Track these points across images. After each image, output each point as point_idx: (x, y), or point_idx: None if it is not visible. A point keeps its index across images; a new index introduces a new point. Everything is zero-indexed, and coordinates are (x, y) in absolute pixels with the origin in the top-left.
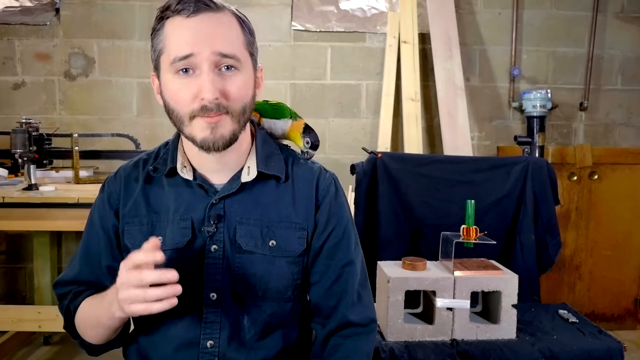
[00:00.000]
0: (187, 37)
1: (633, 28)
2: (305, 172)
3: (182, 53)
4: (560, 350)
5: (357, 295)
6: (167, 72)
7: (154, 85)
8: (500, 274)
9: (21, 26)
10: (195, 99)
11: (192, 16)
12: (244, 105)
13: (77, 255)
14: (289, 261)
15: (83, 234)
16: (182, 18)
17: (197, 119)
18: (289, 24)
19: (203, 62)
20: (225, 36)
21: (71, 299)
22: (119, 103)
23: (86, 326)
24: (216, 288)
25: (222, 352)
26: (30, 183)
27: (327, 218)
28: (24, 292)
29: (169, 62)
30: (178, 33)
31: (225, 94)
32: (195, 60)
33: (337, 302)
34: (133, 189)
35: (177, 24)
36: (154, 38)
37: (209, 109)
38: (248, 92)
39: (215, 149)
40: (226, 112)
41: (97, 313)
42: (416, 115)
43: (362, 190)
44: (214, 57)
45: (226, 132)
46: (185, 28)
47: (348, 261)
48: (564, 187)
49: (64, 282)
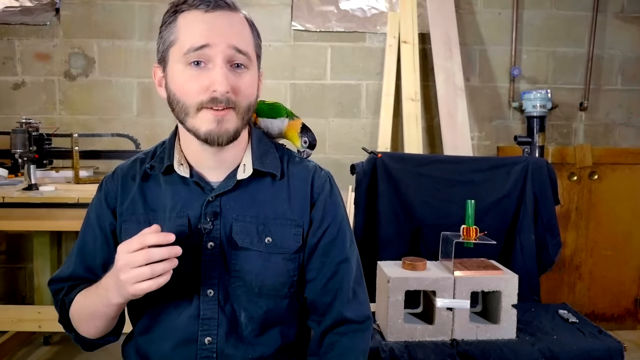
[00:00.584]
0: (203, 29)
1: (633, 28)
2: (300, 170)
3: (197, 43)
4: (560, 350)
5: (352, 293)
6: (177, 63)
7: (156, 77)
8: (500, 274)
9: (21, 26)
10: (205, 91)
11: (210, 11)
12: (249, 104)
13: (72, 253)
14: (285, 258)
15: (79, 231)
16: (199, 12)
17: (204, 111)
18: (289, 24)
19: (217, 55)
20: (240, 33)
21: (66, 292)
22: (119, 103)
23: (81, 318)
24: (213, 285)
25: (220, 349)
26: (30, 183)
27: (322, 215)
28: (24, 292)
29: (182, 53)
30: (194, 25)
31: (235, 90)
32: (210, 52)
33: (332, 299)
34: (130, 188)
35: (193, 17)
36: (164, 30)
37: (219, 101)
38: (254, 92)
39: (219, 143)
40: (233, 108)
41: (92, 302)
42: (416, 115)
43: (362, 190)
44: (228, 50)
45: (231, 127)
46: (202, 22)
47: (343, 258)
48: (564, 187)
49: (59, 279)
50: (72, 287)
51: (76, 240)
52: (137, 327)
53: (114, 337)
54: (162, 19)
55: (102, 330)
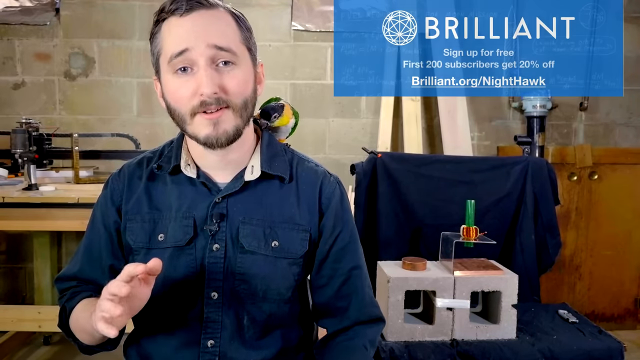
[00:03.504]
0: (181, 34)
1: (633, 28)
2: (309, 174)
3: (177, 49)
4: (560, 350)
5: (367, 297)
6: (166, 72)
7: (157, 89)
8: (500, 274)
9: (21, 26)
10: (194, 95)
11: (185, 15)
12: (245, 100)
13: (79, 251)
14: (290, 262)
15: (86, 230)
16: (176, 18)
17: (198, 116)
18: (289, 24)
19: (199, 57)
20: (220, 30)
21: (68, 299)
22: (119, 103)
23: (76, 329)
24: (217, 287)
25: (222, 352)
26: (30, 183)
27: (334, 223)
28: (24, 292)
29: (167, 62)
30: (174, 31)
31: (224, 89)
32: (191, 56)
33: (348, 304)
34: (136, 187)
35: (172, 24)
36: (152, 42)
37: (208, 103)
38: (248, 87)
39: (219, 145)
40: (227, 107)
41: (85, 319)
42: (416, 115)
43: (362, 190)
44: (209, 50)
45: (229, 127)
46: (180, 26)
47: (355, 265)
48: (564, 187)
49: (65, 277)
50: (74, 293)
51: (82, 238)
52: (139, 328)
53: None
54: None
55: (98, 341)
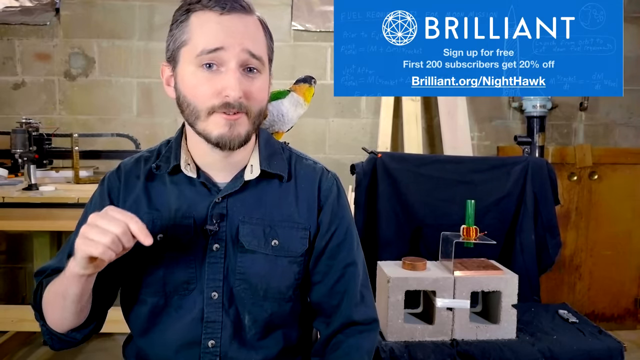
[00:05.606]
0: (218, 32)
1: (633, 28)
2: (307, 171)
3: (211, 46)
4: (560, 350)
5: (360, 296)
6: (188, 64)
7: (164, 75)
8: (500, 274)
9: (21, 26)
10: (217, 94)
11: (225, 14)
12: (261, 108)
13: (65, 247)
14: (291, 261)
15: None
16: (214, 13)
17: (215, 115)
18: (289, 24)
19: (231, 59)
20: (254, 37)
21: (46, 276)
22: (119, 103)
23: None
24: (217, 287)
25: (223, 352)
26: (30, 183)
27: (330, 219)
28: (24, 292)
29: (194, 55)
30: (209, 27)
31: (247, 95)
32: (223, 56)
33: (339, 301)
34: (134, 186)
35: (208, 18)
36: (175, 28)
37: (231, 106)
38: (265, 96)
39: (231, 147)
40: (245, 112)
41: (60, 278)
42: (416, 115)
43: (362, 190)
44: (242, 54)
45: (243, 131)
46: (217, 23)
47: (350, 262)
48: (564, 187)
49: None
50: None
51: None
52: (138, 328)
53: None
54: (174, 16)
55: (65, 316)
